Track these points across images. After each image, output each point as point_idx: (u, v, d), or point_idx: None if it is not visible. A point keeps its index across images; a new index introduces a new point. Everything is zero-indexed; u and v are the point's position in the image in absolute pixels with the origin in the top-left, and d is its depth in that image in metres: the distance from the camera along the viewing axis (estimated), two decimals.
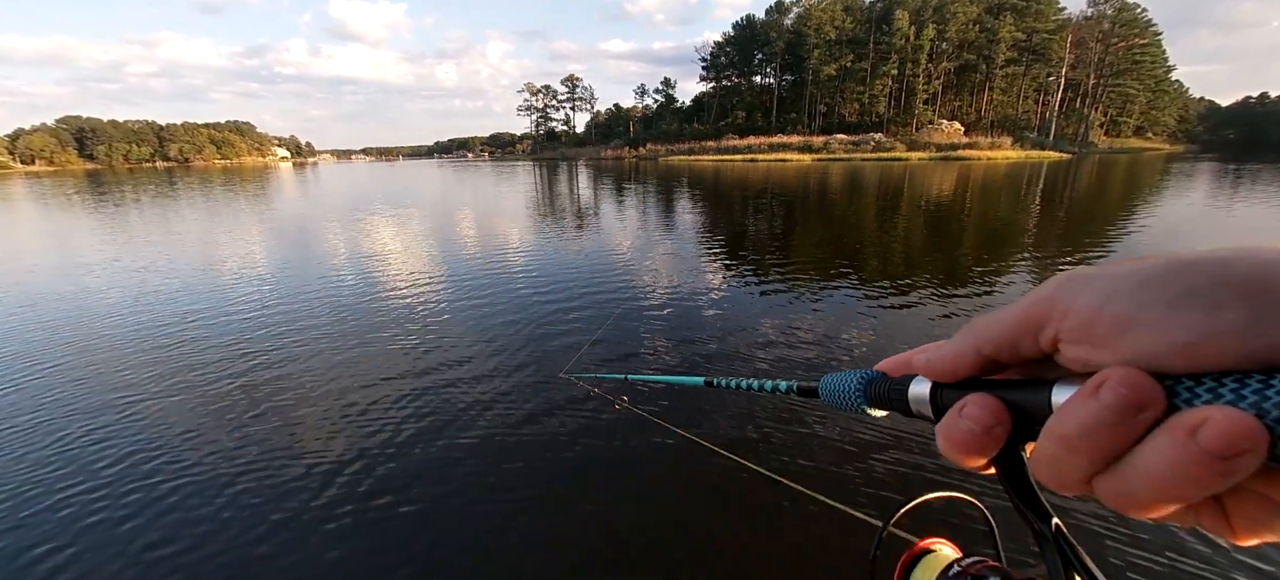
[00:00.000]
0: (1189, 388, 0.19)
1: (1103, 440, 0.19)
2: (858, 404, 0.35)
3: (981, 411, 0.24)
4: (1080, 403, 0.20)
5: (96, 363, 4.65)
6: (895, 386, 0.32)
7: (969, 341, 0.26)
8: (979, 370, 0.26)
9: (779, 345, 4.78)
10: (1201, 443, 0.17)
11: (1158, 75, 71.07)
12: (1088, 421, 0.20)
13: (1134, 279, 0.20)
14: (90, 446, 3.28)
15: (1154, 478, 0.18)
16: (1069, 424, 0.20)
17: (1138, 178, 25.11)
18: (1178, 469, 0.18)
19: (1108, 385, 0.19)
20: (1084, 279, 0.22)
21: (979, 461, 0.26)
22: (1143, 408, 0.19)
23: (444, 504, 2.72)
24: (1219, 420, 0.17)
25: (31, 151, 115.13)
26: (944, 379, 0.28)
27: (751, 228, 11.98)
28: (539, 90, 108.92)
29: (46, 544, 2.48)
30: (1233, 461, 0.17)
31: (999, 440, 0.24)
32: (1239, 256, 0.19)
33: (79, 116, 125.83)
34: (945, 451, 0.26)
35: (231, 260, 9.07)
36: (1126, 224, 11.36)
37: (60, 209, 19.69)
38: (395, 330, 5.30)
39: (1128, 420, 0.19)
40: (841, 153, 56.88)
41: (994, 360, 0.25)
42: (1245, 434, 0.16)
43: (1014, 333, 0.24)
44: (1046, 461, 0.22)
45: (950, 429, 0.25)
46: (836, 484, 2.79)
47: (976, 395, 0.25)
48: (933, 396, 0.28)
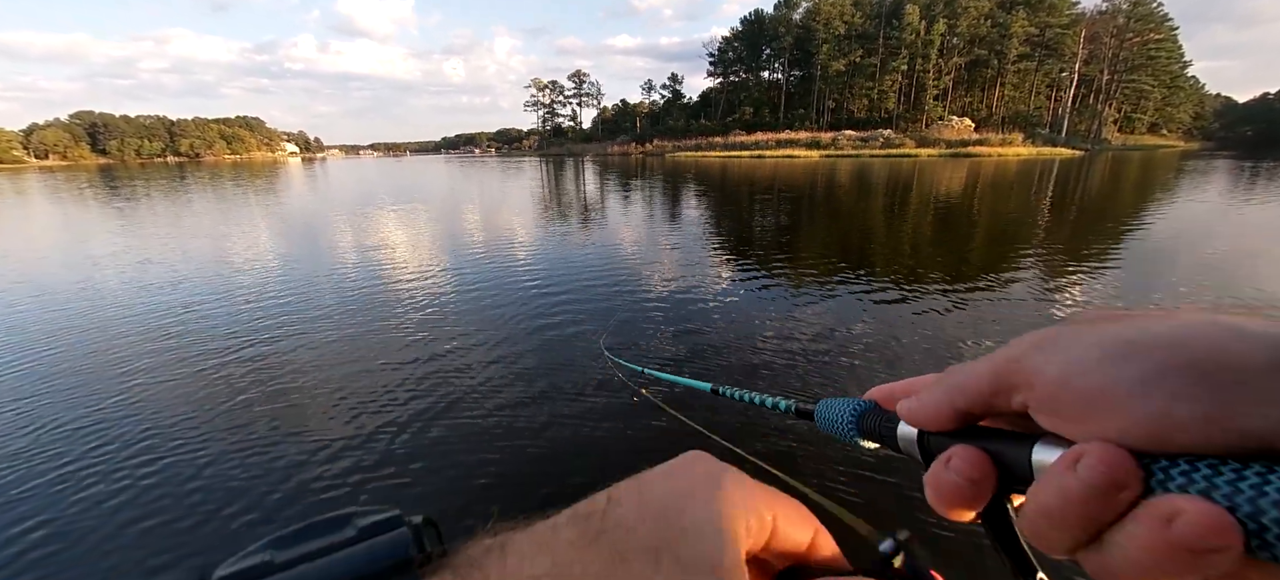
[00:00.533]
0: (1164, 468, 0.18)
1: (1082, 513, 0.19)
2: (851, 434, 0.35)
3: (968, 465, 0.24)
4: (1059, 476, 0.20)
5: (107, 352, 4.70)
6: (886, 423, 0.31)
7: (946, 396, 0.26)
8: (959, 424, 0.26)
9: (785, 343, 4.76)
10: (1176, 535, 0.17)
11: (1173, 71, 69.99)
12: (1067, 495, 0.20)
13: (1095, 353, 0.20)
14: (98, 430, 3.32)
15: (1134, 563, 0.18)
16: (1051, 497, 0.20)
17: (1152, 175, 24.77)
18: (1156, 558, 0.18)
19: (1084, 463, 0.19)
20: (1045, 348, 0.22)
21: (967, 514, 0.26)
22: (1121, 487, 0.19)
23: (451, 489, 2.75)
24: (1192, 515, 0.17)
25: (45, 146, 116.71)
26: (926, 429, 0.28)
27: (758, 225, 11.93)
28: (546, 86, 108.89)
29: (49, 528, 2.52)
30: (1207, 557, 0.17)
31: (986, 494, 0.24)
32: (1187, 338, 0.19)
33: (92, 112, 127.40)
34: (933, 502, 0.26)
35: (243, 255, 9.14)
36: (1140, 223, 11.20)
37: (75, 203, 19.94)
38: (405, 324, 5.32)
39: (1107, 498, 0.19)
40: (850, 149, 56.50)
41: (970, 414, 0.26)
42: (1218, 531, 0.16)
43: (987, 393, 0.24)
44: (1033, 530, 0.22)
45: (938, 479, 0.25)
46: (837, 491, 2.78)
47: (962, 447, 0.25)
48: (920, 441, 0.28)
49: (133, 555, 2.42)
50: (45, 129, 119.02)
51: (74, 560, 2.40)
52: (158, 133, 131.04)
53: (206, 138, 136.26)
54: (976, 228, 11.10)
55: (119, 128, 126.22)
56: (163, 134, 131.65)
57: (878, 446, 0.33)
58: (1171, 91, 72.56)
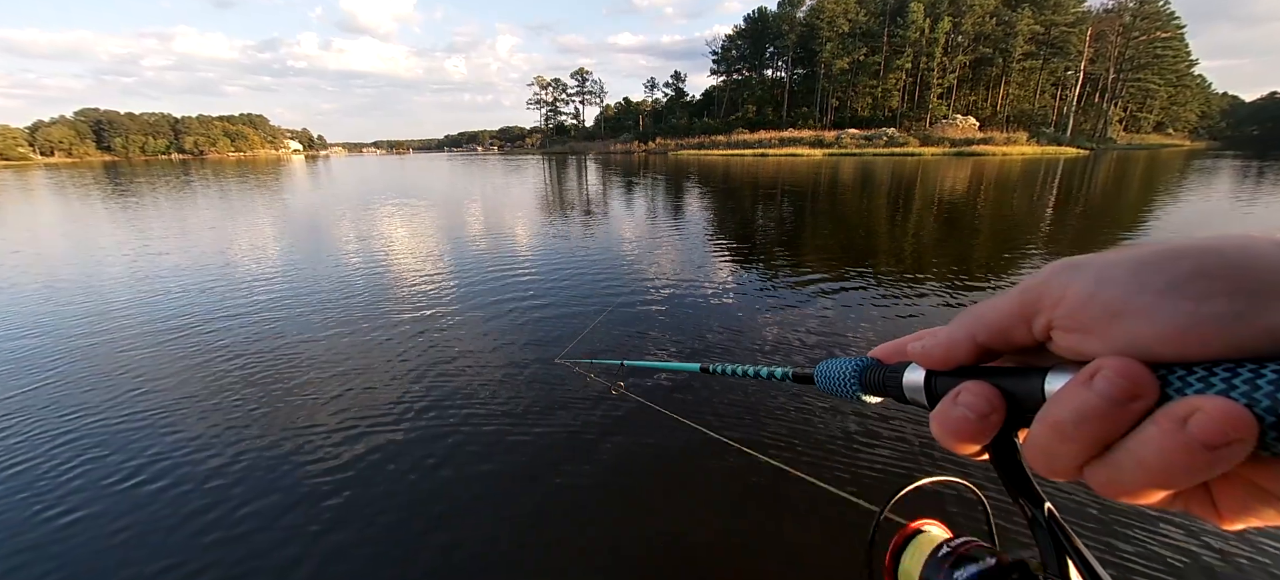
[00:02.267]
0: (1181, 377, 0.19)
1: (1095, 428, 0.20)
2: (853, 390, 0.35)
3: (977, 398, 0.24)
4: (1074, 391, 0.20)
5: (113, 348, 4.72)
6: (890, 373, 0.32)
7: (964, 329, 0.26)
8: (973, 359, 0.26)
9: (784, 341, 4.74)
10: (1192, 432, 0.17)
11: (1180, 70, 69.48)
12: (1081, 409, 0.20)
13: (1124, 268, 0.20)
14: (98, 428, 3.34)
15: (1144, 466, 0.19)
16: (1063, 411, 0.20)
17: (1157, 175, 24.61)
18: (1168, 458, 0.18)
19: (1101, 374, 0.19)
20: (1075, 267, 0.22)
21: (973, 448, 0.26)
22: (1136, 397, 0.19)
23: (438, 488, 2.73)
24: (1209, 410, 0.17)
25: (51, 143, 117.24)
26: (938, 367, 0.28)
27: (760, 223, 11.89)
28: (548, 84, 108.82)
29: (55, 517, 2.53)
30: (1222, 451, 0.17)
31: (994, 427, 0.24)
32: (1221, 245, 0.19)
33: (96, 109, 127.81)
34: (940, 437, 0.26)
35: (246, 250, 9.16)
36: (1145, 222, 11.13)
37: (81, 200, 20.03)
38: (401, 321, 5.32)
39: (1120, 409, 0.19)
40: (853, 148, 56.30)
41: (988, 348, 0.26)
42: (1235, 424, 0.17)
43: (1008, 321, 0.24)
44: (1040, 448, 0.22)
45: (945, 415, 0.25)
46: (834, 470, 2.79)
47: (972, 382, 0.25)
48: (927, 384, 0.28)
49: (136, 552, 2.42)
50: (51, 126, 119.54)
51: (78, 555, 2.40)
52: (162, 130, 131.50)
53: (211, 135, 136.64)
54: (980, 227, 11.04)
55: (124, 125, 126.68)
56: (167, 131, 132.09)
57: (881, 400, 0.34)
58: (1178, 90, 72.06)
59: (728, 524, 2.48)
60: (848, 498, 1.64)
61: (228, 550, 2.40)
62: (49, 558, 2.38)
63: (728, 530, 2.45)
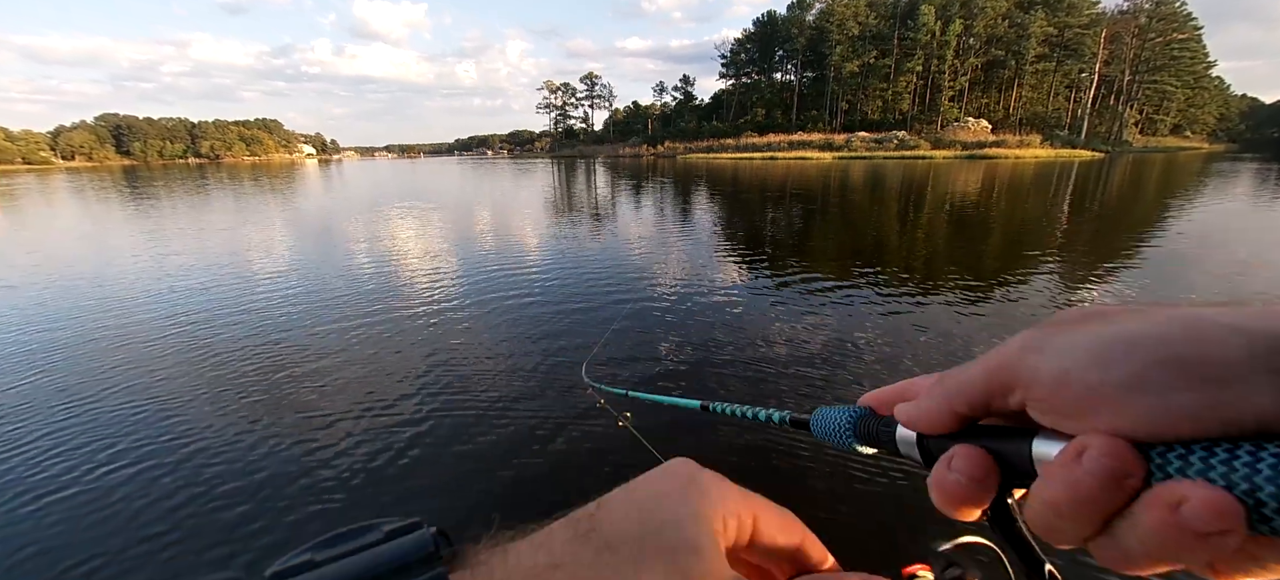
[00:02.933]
0: (1161, 453, 0.19)
1: (1091, 507, 0.20)
2: (848, 441, 0.35)
3: (970, 464, 0.25)
4: (1064, 469, 0.21)
5: (129, 347, 4.82)
6: (883, 427, 0.32)
7: (944, 400, 0.27)
8: (957, 426, 0.27)
9: (792, 352, 4.72)
10: (1184, 519, 0.18)
11: (1197, 71, 68.43)
12: (1075, 490, 0.20)
13: (1088, 355, 0.21)
14: (110, 425, 3.41)
15: (1146, 549, 0.19)
16: (1057, 491, 0.21)
17: (1174, 178, 24.23)
18: (1167, 543, 0.18)
19: (1089, 455, 0.20)
20: (1038, 348, 0.23)
21: (973, 513, 0.26)
22: (1126, 475, 0.19)
23: (438, 509, 2.76)
24: (1197, 500, 0.18)
25: (72, 148, 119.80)
26: (925, 433, 0.28)
27: (769, 228, 11.87)
28: (558, 88, 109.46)
29: (63, 514, 2.60)
30: (1215, 538, 0.17)
31: (990, 490, 0.25)
32: (1169, 334, 0.20)
33: (116, 114, 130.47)
34: (939, 504, 0.26)
35: (261, 254, 9.30)
36: (1161, 228, 10.95)
37: (101, 203, 20.43)
38: (410, 327, 5.38)
39: (1113, 487, 0.19)
40: (863, 151, 56.02)
41: (969, 418, 0.26)
42: (1223, 513, 0.17)
43: (984, 395, 0.25)
44: (1041, 524, 0.22)
45: (942, 482, 0.26)
46: (835, 534, 2.69)
47: (964, 447, 0.25)
48: (919, 442, 0.29)
49: (145, 547, 2.48)
50: (72, 131, 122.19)
51: (92, 550, 2.46)
52: (179, 135, 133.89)
53: (226, 139, 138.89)
54: (992, 232, 10.94)
55: (142, 130, 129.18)
56: (184, 136, 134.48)
57: (876, 451, 0.34)
58: (1195, 92, 70.94)
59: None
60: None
61: (228, 546, 2.45)
62: (62, 531, 2.45)
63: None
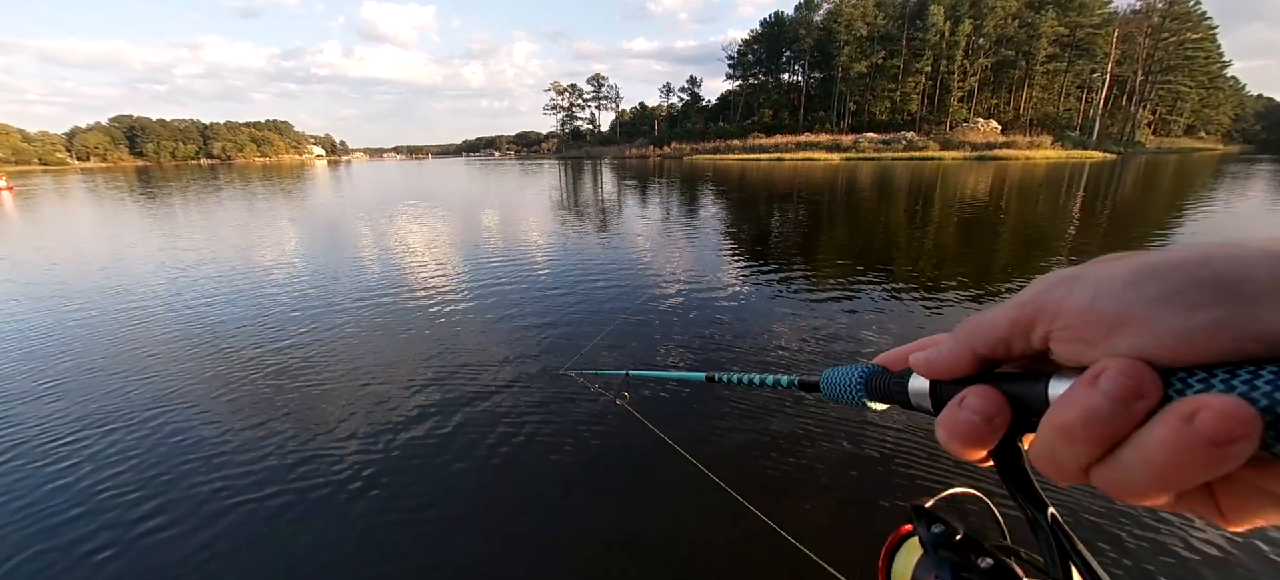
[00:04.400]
0: (1182, 378, 0.19)
1: (1101, 429, 0.20)
2: (858, 397, 0.35)
3: (982, 402, 0.25)
4: (1079, 392, 0.21)
5: (134, 347, 4.90)
6: (895, 381, 0.32)
7: (964, 341, 0.27)
8: (975, 369, 0.27)
9: (796, 353, 4.72)
10: (1197, 429, 0.17)
11: (1211, 71, 67.44)
12: (1088, 410, 0.20)
13: (1119, 279, 0.21)
14: (120, 427, 3.48)
15: (1151, 464, 0.19)
16: (1069, 413, 0.21)
17: (1188, 180, 23.90)
18: (1175, 455, 0.18)
19: (1106, 374, 0.20)
20: (1071, 279, 0.23)
21: (979, 452, 0.26)
22: (1141, 396, 0.19)
23: (436, 501, 2.77)
24: (1214, 407, 0.17)
25: (87, 149, 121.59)
26: (942, 378, 0.28)
27: (775, 229, 11.84)
28: (565, 89, 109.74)
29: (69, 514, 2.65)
30: (1228, 447, 0.17)
31: (999, 430, 0.25)
32: (1212, 254, 0.19)
33: (130, 116, 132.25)
34: (945, 443, 0.26)
35: (269, 253, 9.41)
36: (1175, 231, 10.83)
37: (116, 204, 20.72)
38: (414, 324, 5.43)
39: (1126, 408, 0.19)
40: (871, 152, 55.66)
41: (989, 359, 0.26)
42: (1241, 419, 0.17)
43: (1006, 332, 0.25)
44: (1045, 451, 0.22)
45: (952, 420, 0.26)
46: (824, 530, 2.52)
47: (977, 387, 0.26)
48: (932, 390, 0.29)
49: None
50: (87, 132, 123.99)
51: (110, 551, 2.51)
52: (192, 136, 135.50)
53: (237, 141, 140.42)
54: (1001, 234, 10.86)
55: (155, 131, 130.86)
56: (196, 137, 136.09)
57: (886, 406, 0.34)
58: (1209, 93, 69.91)
59: (711, 569, 2.35)
60: (834, 573, 1.60)
61: (227, 539, 2.49)
62: (65, 527, 2.50)
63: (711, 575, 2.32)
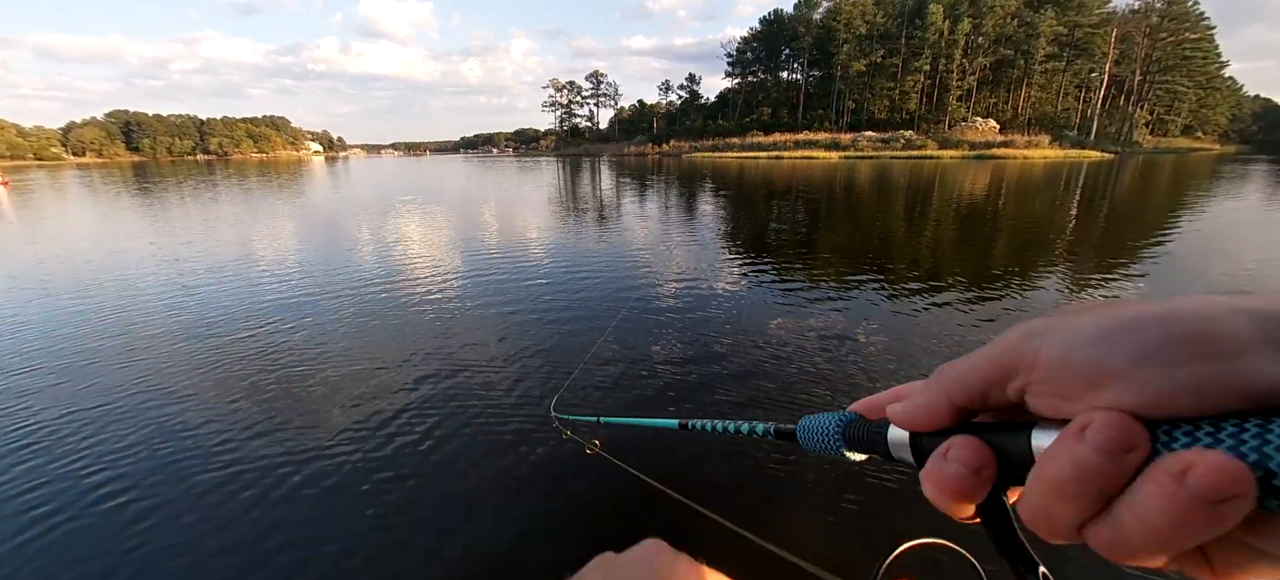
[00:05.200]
0: (1166, 430, 0.19)
1: (1092, 484, 0.19)
2: (836, 448, 0.34)
3: (968, 453, 0.24)
4: (1066, 446, 0.20)
5: (130, 342, 4.86)
6: (874, 430, 0.31)
7: (941, 391, 0.26)
8: (954, 420, 0.26)
9: (792, 357, 4.67)
10: (1191, 487, 0.17)
11: (1209, 72, 67.58)
12: (1078, 464, 0.20)
13: (1093, 333, 0.21)
14: (108, 425, 3.44)
15: (1147, 525, 0.18)
16: (1058, 468, 0.20)
17: (1185, 180, 23.96)
18: (1171, 516, 0.17)
19: (1094, 427, 0.19)
20: (1043, 333, 0.22)
21: (967, 507, 0.26)
22: (1130, 448, 0.19)
23: (398, 541, 2.75)
24: (1207, 463, 0.17)
25: (83, 144, 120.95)
26: (921, 430, 0.28)
27: (772, 228, 11.82)
28: (564, 86, 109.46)
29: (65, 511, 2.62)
30: (1224, 506, 0.17)
31: (988, 482, 0.24)
32: (1180, 312, 0.19)
33: (126, 111, 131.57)
34: (933, 497, 0.26)
35: (263, 252, 9.36)
36: (1171, 231, 10.83)
37: (112, 200, 20.59)
38: (399, 329, 5.40)
39: (1115, 461, 0.19)
40: (870, 150, 55.70)
41: (966, 410, 0.26)
42: (1233, 476, 0.17)
43: (983, 383, 0.24)
44: (1039, 508, 0.21)
45: (938, 474, 0.25)
46: (821, 551, 2.46)
47: (961, 438, 0.25)
48: (912, 443, 0.28)
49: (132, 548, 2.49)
50: (82, 127, 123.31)
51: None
52: (188, 131, 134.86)
53: (234, 137, 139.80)
54: (1000, 233, 10.85)
55: (152, 126, 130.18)
56: (193, 133, 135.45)
57: (866, 457, 0.33)
58: (1207, 93, 70.11)
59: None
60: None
61: (225, 534, 2.47)
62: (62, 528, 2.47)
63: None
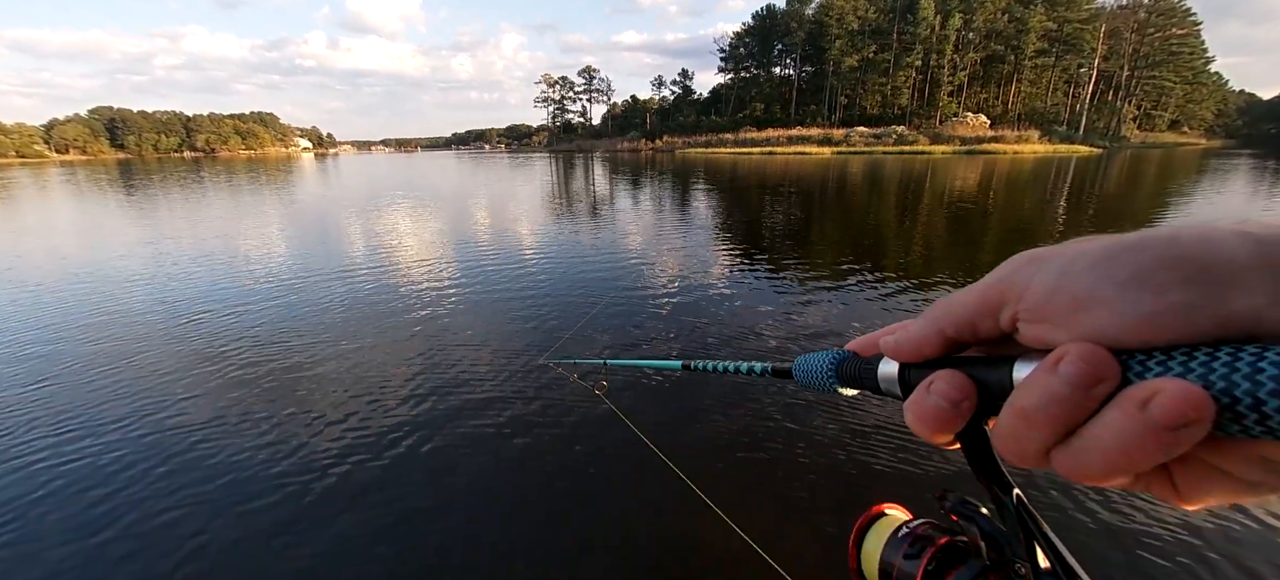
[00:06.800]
0: (1141, 361, 0.19)
1: (1060, 413, 0.20)
2: (830, 383, 0.35)
3: (949, 386, 0.25)
4: (1040, 377, 0.21)
5: (119, 342, 4.79)
6: (866, 366, 0.32)
7: (933, 323, 0.27)
8: (943, 351, 0.27)
9: (782, 345, 4.71)
10: (1152, 415, 0.18)
11: (1196, 67, 68.39)
12: (1047, 395, 0.20)
13: (1086, 260, 0.21)
14: (106, 426, 3.40)
15: (1107, 449, 0.19)
16: (1029, 398, 0.21)
17: (1172, 174, 24.26)
18: (1129, 440, 0.18)
19: (1066, 360, 0.20)
20: (1038, 260, 0.23)
21: (946, 435, 0.26)
22: (1099, 381, 0.19)
23: (411, 495, 2.76)
24: (1168, 392, 0.18)
25: (66, 141, 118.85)
26: (909, 360, 0.28)
27: (765, 221, 11.84)
28: (556, 82, 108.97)
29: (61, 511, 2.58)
30: (1181, 431, 0.18)
31: (966, 414, 0.25)
32: (1180, 236, 0.20)
33: (110, 107, 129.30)
34: (914, 426, 0.27)
35: (254, 247, 9.26)
36: (1158, 223, 10.96)
37: (98, 199, 20.26)
38: (399, 314, 5.37)
39: (1084, 393, 0.20)
40: (862, 145, 55.91)
41: (957, 340, 0.26)
42: (1193, 404, 0.17)
43: (974, 313, 0.25)
44: (1008, 434, 0.22)
45: (919, 404, 0.26)
46: (791, 542, 2.46)
47: (944, 371, 0.26)
48: (901, 375, 0.29)
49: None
50: (65, 124, 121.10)
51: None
52: (174, 128, 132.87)
53: (222, 133, 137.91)
54: (990, 227, 10.94)
55: (137, 123, 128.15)
56: (179, 129, 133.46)
57: (857, 392, 0.34)
58: (1193, 88, 70.96)
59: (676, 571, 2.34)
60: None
61: (220, 530, 2.44)
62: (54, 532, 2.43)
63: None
